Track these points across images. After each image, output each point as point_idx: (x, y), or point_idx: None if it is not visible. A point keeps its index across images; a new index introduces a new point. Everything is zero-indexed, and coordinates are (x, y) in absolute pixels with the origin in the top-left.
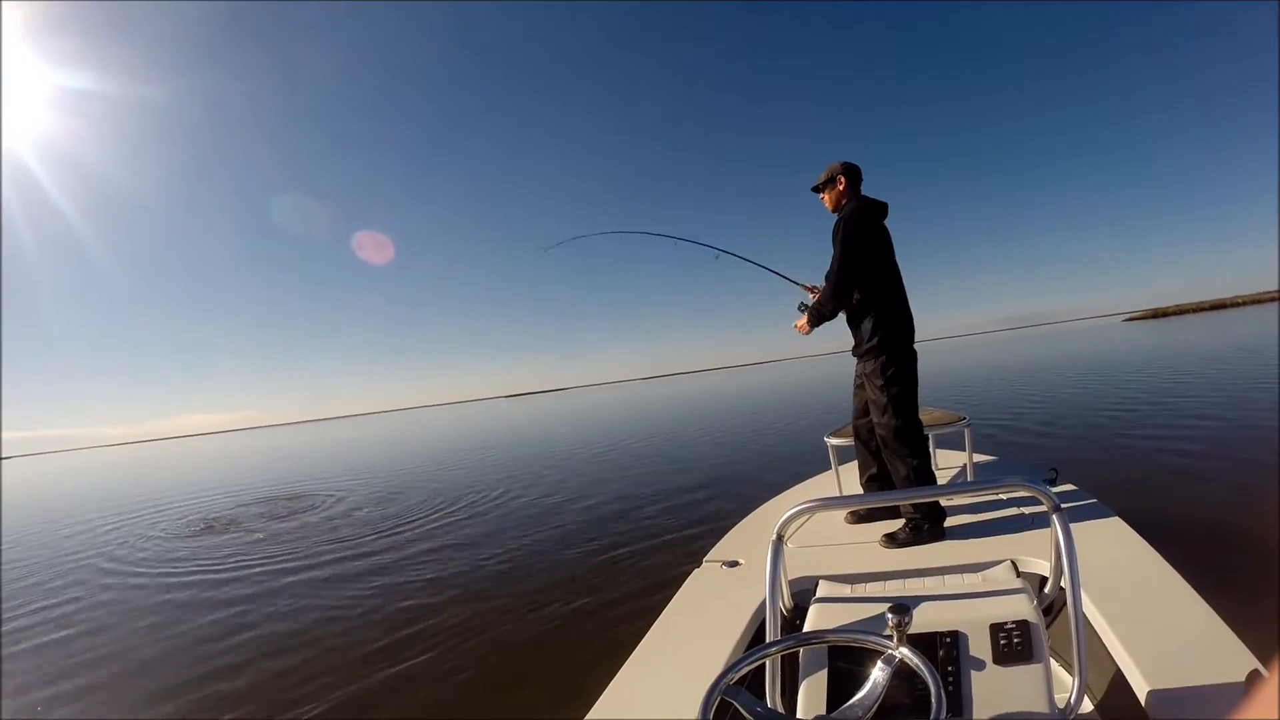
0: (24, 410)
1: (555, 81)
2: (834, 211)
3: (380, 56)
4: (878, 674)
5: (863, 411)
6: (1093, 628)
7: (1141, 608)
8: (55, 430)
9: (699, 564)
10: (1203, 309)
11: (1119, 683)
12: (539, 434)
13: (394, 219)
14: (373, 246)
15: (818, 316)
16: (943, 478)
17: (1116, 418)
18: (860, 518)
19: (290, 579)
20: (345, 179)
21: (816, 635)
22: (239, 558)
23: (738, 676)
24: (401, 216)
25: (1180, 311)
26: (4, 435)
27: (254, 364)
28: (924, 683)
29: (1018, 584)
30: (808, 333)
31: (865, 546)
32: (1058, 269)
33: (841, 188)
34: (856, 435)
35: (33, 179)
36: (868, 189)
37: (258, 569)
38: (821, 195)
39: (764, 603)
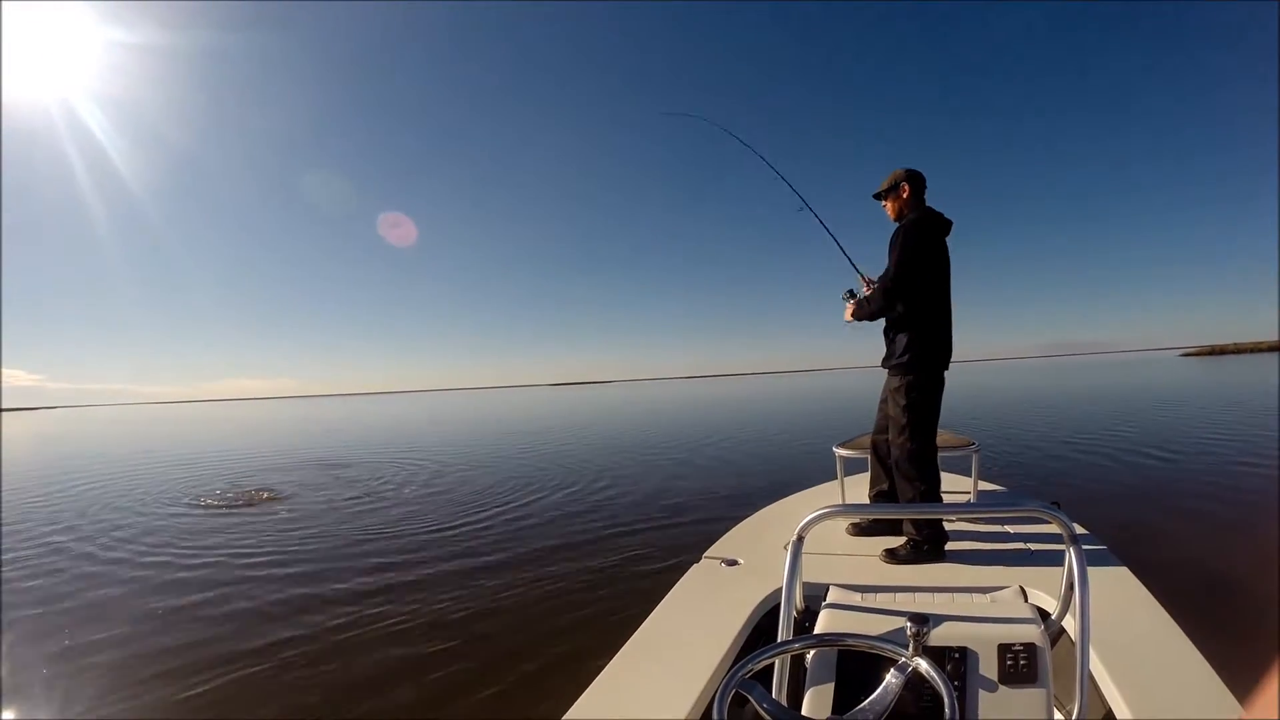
0: (71, 362)
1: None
2: (896, 220)
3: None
4: (891, 680)
5: (885, 425)
6: (1088, 666)
7: (1137, 652)
8: (100, 385)
9: (697, 559)
10: (1261, 349)
11: None
12: (568, 426)
13: (424, 202)
14: (401, 226)
15: (863, 310)
16: (947, 501)
17: (1129, 454)
18: (861, 530)
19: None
20: (383, 155)
21: (837, 636)
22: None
23: (755, 671)
24: (436, 201)
25: (1239, 350)
26: (50, 386)
27: (293, 333)
28: (930, 694)
29: (1027, 609)
30: (849, 319)
31: (868, 559)
32: (1113, 297)
33: (905, 196)
34: (874, 449)
35: (90, 135)
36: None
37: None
38: (884, 203)
39: (763, 602)
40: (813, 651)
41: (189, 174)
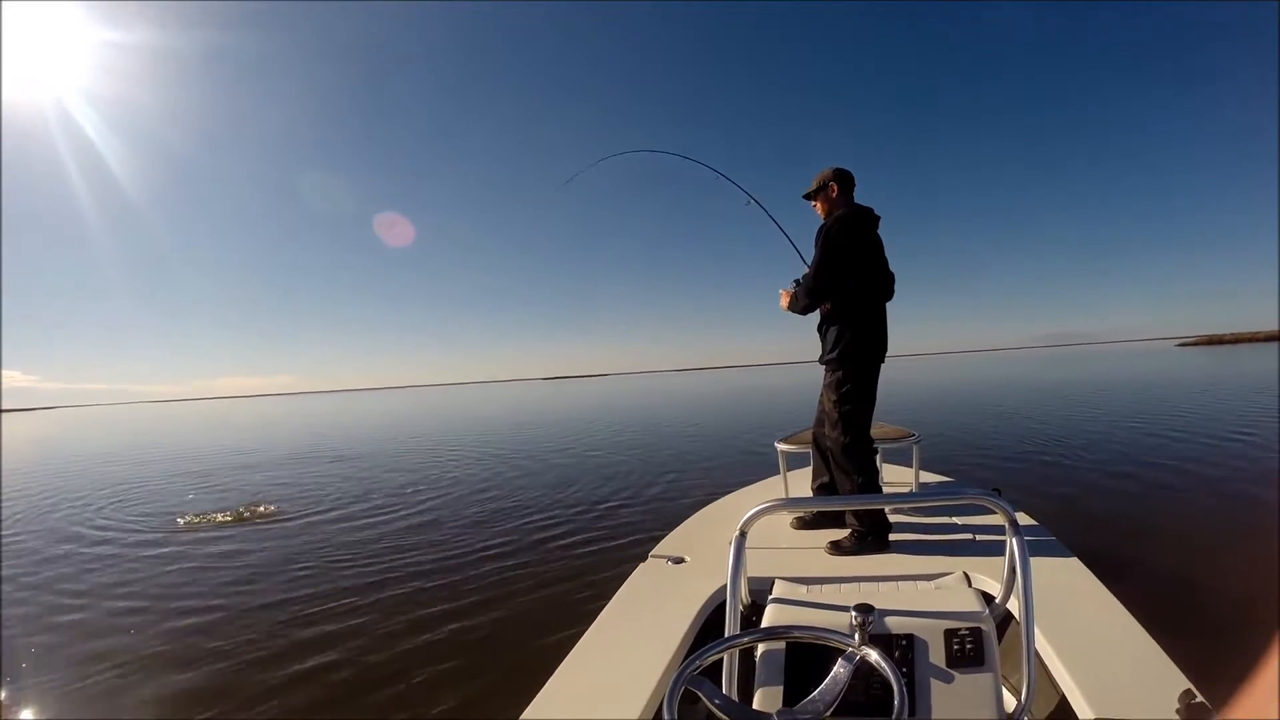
0: (66, 362)
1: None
2: (825, 219)
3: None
4: (839, 671)
5: (824, 419)
6: (1037, 650)
7: (1080, 628)
8: (96, 384)
9: (644, 558)
10: (1258, 339)
11: (1063, 707)
12: (534, 422)
13: (419, 203)
14: (397, 226)
15: (795, 304)
16: (887, 492)
17: (1075, 444)
18: (806, 523)
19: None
20: (376, 152)
21: (782, 629)
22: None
23: (703, 667)
24: (425, 199)
25: (1236, 340)
26: (45, 386)
27: (291, 330)
28: (880, 682)
29: (971, 594)
30: (784, 308)
31: (813, 551)
32: (1112, 288)
33: (834, 195)
34: (815, 442)
35: (83, 135)
36: (906, 189)
37: None
38: (813, 203)
39: (710, 599)
40: (761, 646)
41: (184, 173)
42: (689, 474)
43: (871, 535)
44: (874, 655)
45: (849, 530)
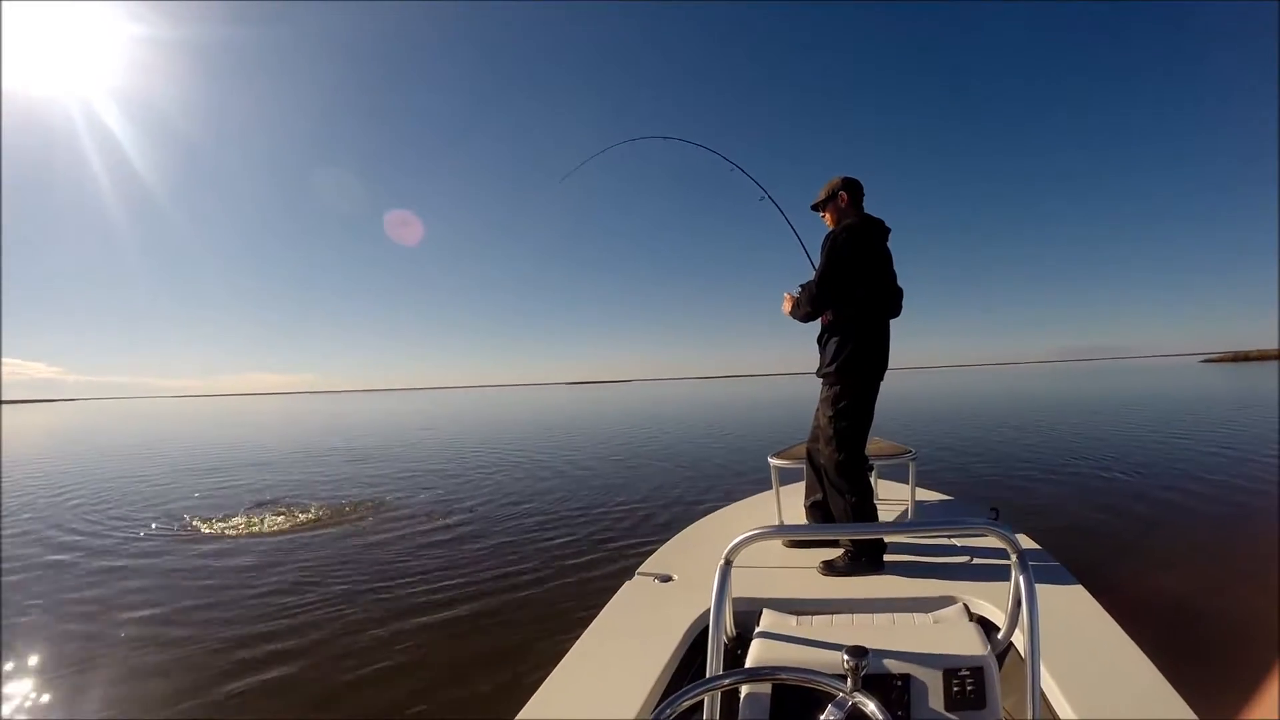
0: (89, 355)
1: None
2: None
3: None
4: (829, 718)
5: (818, 434)
6: (1041, 688)
7: (1086, 664)
8: (118, 377)
9: (631, 576)
10: None
11: None
12: (538, 429)
13: (436, 200)
14: (409, 224)
15: (797, 310)
16: (883, 510)
17: (1085, 462)
18: (797, 542)
19: None
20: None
21: (768, 670)
22: None
23: (680, 710)
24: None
25: (1263, 356)
26: (68, 378)
27: (313, 328)
28: None
29: (972, 629)
30: (785, 312)
31: (805, 572)
32: (1139, 302)
33: (843, 204)
34: (809, 457)
35: (106, 131)
36: (926, 198)
37: None
38: (822, 214)
39: (695, 622)
40: (745, 686)
41: (205, 169)
42: (685, 485)
43: (865, 556)
44: (870, 706)
45: (842, 550)
